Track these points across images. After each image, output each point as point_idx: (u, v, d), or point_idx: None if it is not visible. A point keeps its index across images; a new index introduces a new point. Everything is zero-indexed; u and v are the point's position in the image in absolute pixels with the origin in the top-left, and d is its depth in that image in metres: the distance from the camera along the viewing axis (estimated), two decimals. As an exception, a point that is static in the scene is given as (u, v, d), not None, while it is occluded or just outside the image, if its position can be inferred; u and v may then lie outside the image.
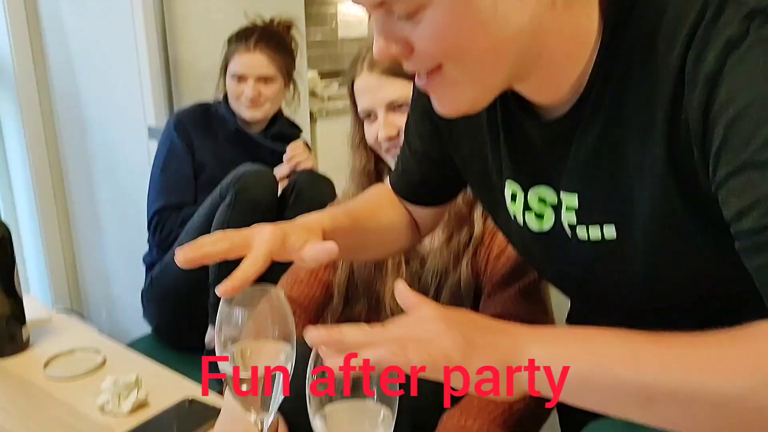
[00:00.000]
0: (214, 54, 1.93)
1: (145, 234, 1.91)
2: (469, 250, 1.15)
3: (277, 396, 0.74)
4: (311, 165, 1.86)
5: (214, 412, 0.94)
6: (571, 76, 0.67)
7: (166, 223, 1.79)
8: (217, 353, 0.74)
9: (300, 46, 2.00)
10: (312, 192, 1.73)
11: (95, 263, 2.61)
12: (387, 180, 1.05)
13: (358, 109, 1.22)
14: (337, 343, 0.58)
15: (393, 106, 1.16)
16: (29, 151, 2.49)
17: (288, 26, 1.93)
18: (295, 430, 0.90)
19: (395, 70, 1.14)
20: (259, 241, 0.74)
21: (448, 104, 0.68)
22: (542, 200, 0.77)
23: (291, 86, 1.93)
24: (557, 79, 0.68)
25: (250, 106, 1.83)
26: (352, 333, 0.58)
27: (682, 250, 0.67)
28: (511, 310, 1.08)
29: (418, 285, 1.17)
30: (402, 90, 1.14)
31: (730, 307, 0.60)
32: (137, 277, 2.05)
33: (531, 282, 1.11)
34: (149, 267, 1.86)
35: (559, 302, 1.12)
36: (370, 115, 1.19)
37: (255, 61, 1.79)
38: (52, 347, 1.19)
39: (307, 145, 1.96)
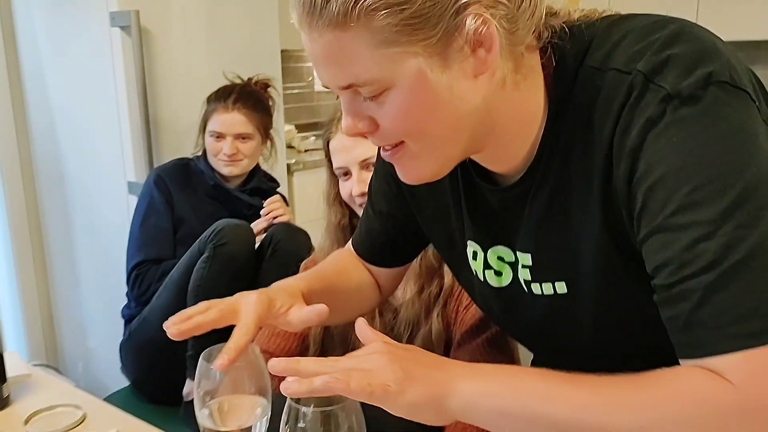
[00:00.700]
0: (193, 111, 2.00)
1: (123, 287, 1.94)
2: (440, 301, 1.21)
3: (254, 448, 0.78)
4: (288, 219, 1.92)
5: (192, 465, 0.97)
6: (523, 147, 0.74)
7: (145, 277, 1.82)
8: (196, 408, 0.78)
9: (277, 102, 2.08)
10: (289, 244, 1.78)
11: (72, 317, 2.61)
12: (349, 244, 1.11)
13: (334, 167, 1.29)
14: (294, 372, 0.65)
15: (366, 164, 1.23)
16: (7, 205, 2.52)
17: (266, 85, 2.01)
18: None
19: None
20: (246, 309, 0.80)
21: (410, 175, 0.75)
22: (500, 258, 0.83)
23: (268, 142, 2.00)
24: (510, 150, 0.75)
25: (228, 163, 1.89)
26: (308, 363, 0.66)
27: (625, 301, 0.74)
28: (479, 359, 1.13)
29: (391, 335, 1.22)
30: (374, 149, 1.21)
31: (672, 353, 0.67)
32: (114, 331, 2.07)
33: (498, 332, 1.17)
34: (128, 320, 1.89)
35: (527, 351, 1.18)
36: (346, 173, 1.26)
37: (233, 120, 1.87)
38: (32, 404, 1.20)
39: (284, 198, 2.03)
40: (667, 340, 0.69)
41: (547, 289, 0.79)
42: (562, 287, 0.77)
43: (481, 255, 0.85)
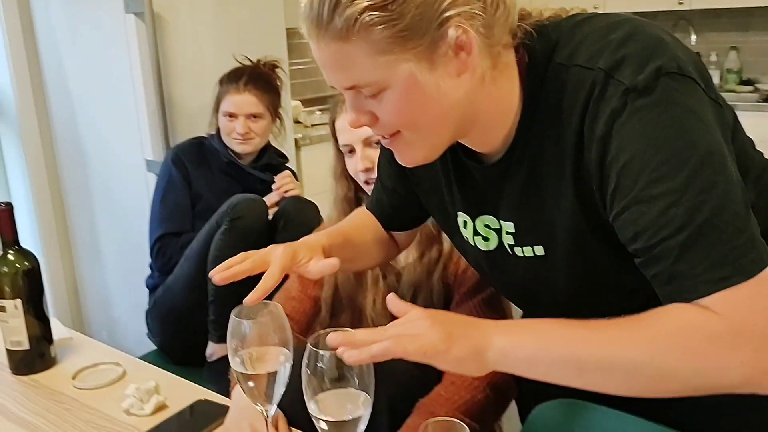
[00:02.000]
0: (205, 92, 2.11)
1: (144, 259, 2.08)
2: (440, 265, 1.34)
3: (279, 390, 0.92)
4: (298, 192, 2.04)
5: (224, 410, 1.12)
6: (502, 132, 0.87)
7: (167, 249, 1.96)
8: (230, 358, 0.92)
9: (284, 81, 2.19)
10: (299, 217, 1.91)
11: (96, 289, 2.76)
12: (365, 205, 1.23)
13: (339, 144, 1.41)
14: (350, 343, 0.76)
15: (369, 142, 1.35)
16: (32, 184, 2.65)
17: (273, 66, 2.12)
18: (292, 419, 1.08)
19: None
20: (274, 259, 0.94)
21: (405, 159, 0.88)
22: (487, 226, 0.96)
23: (277, 120, 2.12)
24: (491, 135, 0.87)
25: (241, 141, 2.01)
26: (363, 334, 0.77)
27: (592, 262, 0.87)
28: (475, 317, 1.25)
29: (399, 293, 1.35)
30: None
31: (638, 300, 0.78)
32: (136, 300, 2.20)
33: (492, 293, 1.30)
34: (152, 289, 2.03)
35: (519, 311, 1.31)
36: (351, 150, 1.38)
37: (245, 101, 1.98)
38: (76, 362, 1.35)
39: (293, 173, 2.15)
40: (629, 290, 0.82)
41: (528, 251, 0.92)
42: (540, 250, 0.91)
43: (470, 224, 0.98)
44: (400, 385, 1.10)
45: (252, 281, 0.93)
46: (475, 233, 0.98)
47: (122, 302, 2.63)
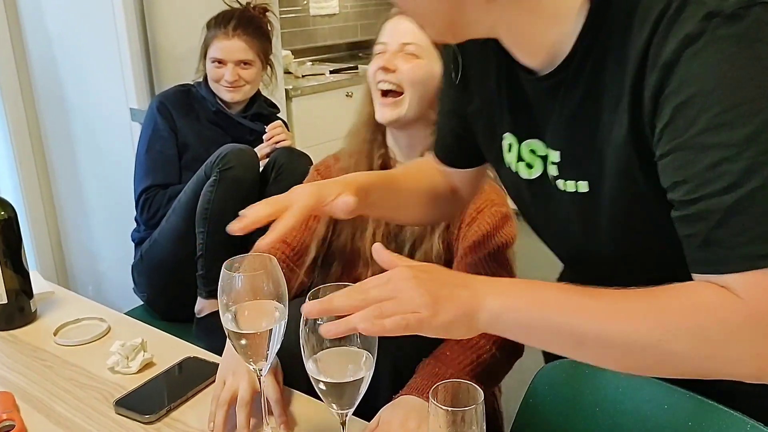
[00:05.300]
0: (192, 37, 2.01)
1: (130, 212, 2.00)
2: (442, 224, 1.27)
3: (273, 348, 0.86)
4: (290, 143, 1.96)
5: (214, 368, 1.06)
6: (551, 36, 0.76)
7: (153, 201, 1.88)
8: (221, 313, 0.85)
9: (275, 27, 2.09)
10: (292, 168, 1.83)
11: (81, 242, 2.69)
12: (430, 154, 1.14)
13: (377, 42, 1.32)
14: (329, 311, 0.71)
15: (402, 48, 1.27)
16: (11, 134, 2.56)
17: (264, 9, 2.01)
18: (288, 375, 1.03)
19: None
20: (296, 199, 0.87)
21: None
22: (533, 151, 0.87)
23: (268, 68, 2.02)
24: (535, 37, 0.77)
25: (229, 89, 1.92)
26: (340, 300, 0.71)
27: (639, 204, 0.77)
28: (480, 273, 1.20)
29: (395, 243, 1.30)
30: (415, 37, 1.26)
31: (673, 268, 0.70)
32: (123, 254, 2.14)
33: (498, 248, 1.24)
34: (138, 243, 1.96)
35: (522, 269, 1.26)
36: (381, 51, 1.30)
37: (234, 47, 1.88)
38: (58, 318, 1.29)
39: (285, 124, 2.07)
40: (674, 248, 0.75)
41: (571, 186, 0.82)
42: (584, 186, 0.81)
43: (515, 147, 0.89)
44: (404, 345, 1.05)
45: (244, 235, 0.86)
46: (519, 158, 0.89)
47: (108, 255, 2.57)
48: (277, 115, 2.11)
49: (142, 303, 1.96)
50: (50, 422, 0.98)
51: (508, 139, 0.90)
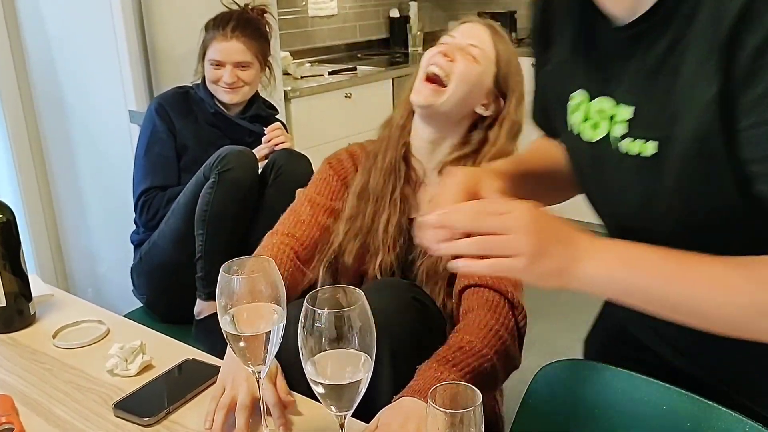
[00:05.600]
0: (191, 39, 2.01)
1: (129, 214, 2.00)
2: None
3: (272, 350, 0.86)
4: (289, 145, 1.96)
5: (213, 370, 1.06)
6: None
7: (152, 203, 1.88)
8: (219, 316, 0.85)
9: (274, 28, 2.08)
10: (291, 169, 1.83)
11: (80, 244, 2.69)
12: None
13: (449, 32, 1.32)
14: (444, 226, 0.76)
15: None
16: (10, 137, 2.55)
17: (262, 11, 2.01)
18: (287, 377, 1.02)
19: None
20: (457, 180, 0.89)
21: None
22: (601, 111, 0.83)
23: (267, 69, 2.02)
24: None
25: (228, 90, 1.92)
26: (458, 220, 0.76)
27: (709, 174, 0.73)
28: (486, 280, 1.18)
29: (407, 235, 1.29)
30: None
31: (749, 244, 0.71)
32: (122, 256, 2.14)
33: None
34: (137, 245, 1.96)
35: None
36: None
37: (232, 49, 1.88)
38: (57, 320, 1.29)
39: (284, 125, 2.06)
40: (734, 229, 0.75)
41: (636, 148, 0.78)
42: (652, 148, 0.76)
43: (584, 106, 0.86)
44: (403, 346, 1.05)
45: (241, 233, 0.86)
46: (586, 118, 0.86)
47: (108, 258, 2.57)
48: (276, 116, 2.11)
49: (141, 305, 1.96)
50: (49, 425, 0.98)
51: (577, 98, 0.88)
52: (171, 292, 1.85)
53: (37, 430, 0.97)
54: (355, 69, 3.38)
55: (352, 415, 0.80)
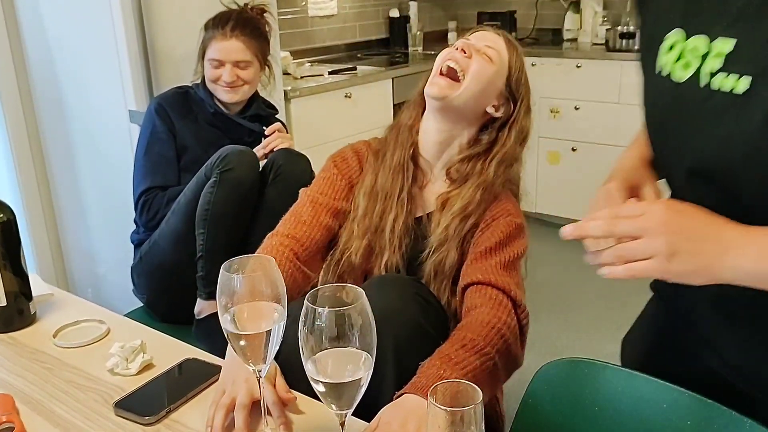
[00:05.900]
0: (191, 39, 2.00)
1: (129, 214, 2.00)
2: (460, 233, 1.27)
3: (272, 349, 0.86)
4: (290, 144, 1.96)
5: (214, 369, 1.06)
6: None
7: (153, 203, 1.88)
8: (220, 315, 0.85)
9: (273, 27, 2.08)
10: (291, 169, 1.83)
11: (80, 244, 2.69)
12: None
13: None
14: (581, 236, 0.79)
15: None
16: (10, 136, 2.55)
17: (262, 10, 2.01)
18: (287, 376, 1.02)
19: None
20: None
21: None
22: (695, 49, 0.83)
23: (266, 69, 2.02)
24: None
25: (228, 90, 1.92)
26: (594, 228, 0.78)
27: None
28: (490, 278, 1.19)
29: (413, 234, 1.30)
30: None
31: None
32: (122, 256, 2.14)
33: (510, 258, 1.23)
34: (137, 245, 1.96)
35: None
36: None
37: (232, 48, 1.88)
38: (57, 320, 1.29)
39: (284, 125, 2.06)
40: None
41: (729, 84, 0.78)
42: (745, 83, 0.76)
43: (679, 45, 0.86)
44: (406, 343, 1.05)
45: (242, 232, 0.86)
46: (678, 57, 0.85)
47: (108, 257, 2.57)
48: (276, 116, 2.11)
49: (141, 305, 1.96)
50: (50, 424, 0.98)
51: (672, 38, 0.87)
52: (171, 291, 1.85)
53: (37, 430, 0.97)
54: (354, 69, 3.38)
55: (354, 414, 0.80)
